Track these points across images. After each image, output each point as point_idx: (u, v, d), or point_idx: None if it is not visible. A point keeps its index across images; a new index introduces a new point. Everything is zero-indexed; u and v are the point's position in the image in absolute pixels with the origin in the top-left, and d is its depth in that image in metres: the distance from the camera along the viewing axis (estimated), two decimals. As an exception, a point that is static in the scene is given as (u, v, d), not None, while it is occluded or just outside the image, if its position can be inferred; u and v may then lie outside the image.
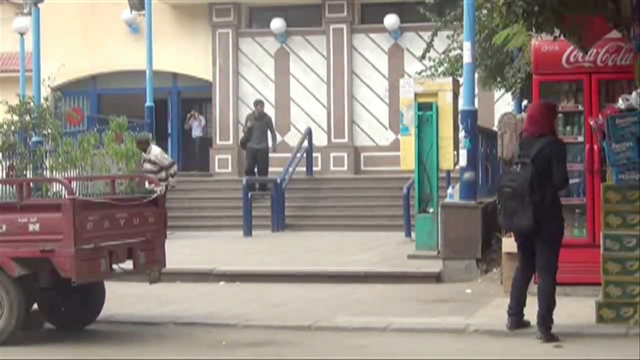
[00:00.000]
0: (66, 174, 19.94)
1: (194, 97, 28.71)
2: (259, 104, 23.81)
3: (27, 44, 25.11)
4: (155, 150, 19.10)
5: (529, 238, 9.61)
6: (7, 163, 19.82)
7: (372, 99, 26.19)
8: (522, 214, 9.43)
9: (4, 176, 19.24)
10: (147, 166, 18.67)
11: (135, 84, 26.15)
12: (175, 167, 19.34)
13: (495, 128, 16.05)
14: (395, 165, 18.65)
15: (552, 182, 9.50)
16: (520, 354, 9.05)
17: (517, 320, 9.81)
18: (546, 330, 9.51)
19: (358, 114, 26.12)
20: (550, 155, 9.55)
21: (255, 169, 23.20)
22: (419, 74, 20.31)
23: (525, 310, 9.89)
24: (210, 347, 9.58)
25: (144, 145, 19.04)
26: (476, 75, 16.33)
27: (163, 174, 18.45)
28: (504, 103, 23.15)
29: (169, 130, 28.26)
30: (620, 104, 10.12)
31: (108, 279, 10.55)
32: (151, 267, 10.52)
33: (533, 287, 10.03)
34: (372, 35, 26.31)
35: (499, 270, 12.94)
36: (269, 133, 23.51)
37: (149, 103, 24.34)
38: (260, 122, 23.34)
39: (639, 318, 9.84)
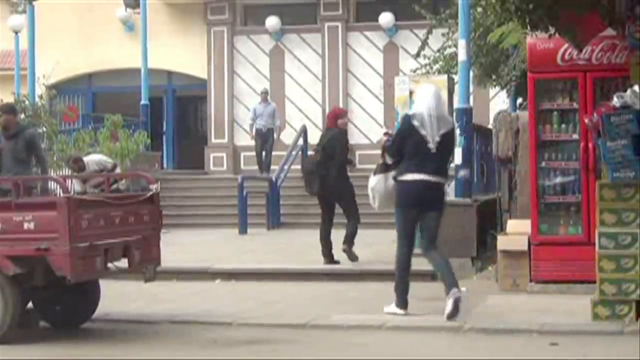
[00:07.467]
0: (61, 172, 19.93)
1: (189, 95, 28.69)
2: (7, 110, 13.43)
3: (22, 42, 25.14)
4: (94, 158, 17.06)
5: (326, 199, 14.45)
6: (2, 161, 19.79)
7: (367, 96, 26.21)
8: (314, 183, 14.27)
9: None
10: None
11: (130, 82, 26.17)
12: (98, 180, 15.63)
13: (490, 126, 16.05)
14: (391, 163, 18.62)
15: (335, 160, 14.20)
16: (515, 352, 9.05)
17: (333, 260, 14.11)
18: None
19: (353, 112, 26.12)
20: (335, 143, 14.22)
21: None
22: (414, 71, 20.34)
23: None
24: (206, 345, 9.57)
25: (80, 164, 16.56)
26: (471, 73, 16.33)
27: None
28: (499, 101, 23.17)
29: (164, 128, 28.26)
30: (615, 101, 10.11)
31: (103, 277, 10.54)
32: (147, 265, 10.51)
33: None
34: (367, 33, 26.34)
35: (494, 268, 12.94)
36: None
37: (144, 101, 24.38)
38: (13, 143, 13.29)
39: (634, 316, 9.85)
